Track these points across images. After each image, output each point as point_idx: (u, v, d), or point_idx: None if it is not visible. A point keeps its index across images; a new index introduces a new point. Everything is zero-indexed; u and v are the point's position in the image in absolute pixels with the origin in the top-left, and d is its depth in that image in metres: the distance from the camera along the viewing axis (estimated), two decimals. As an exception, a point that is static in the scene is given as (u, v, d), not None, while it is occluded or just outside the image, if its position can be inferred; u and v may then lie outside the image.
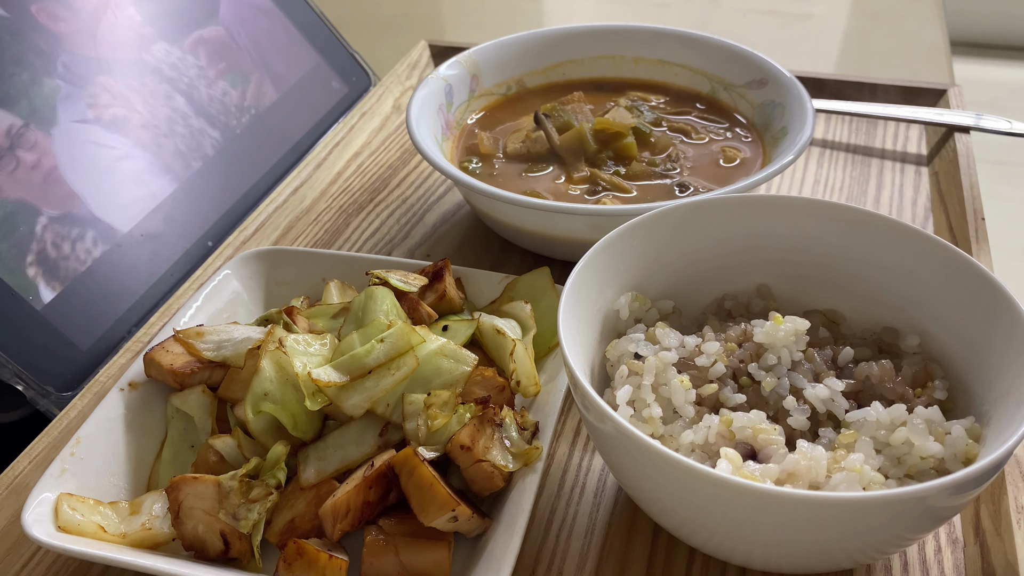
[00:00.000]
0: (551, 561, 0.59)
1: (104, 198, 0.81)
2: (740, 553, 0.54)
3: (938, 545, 0.59)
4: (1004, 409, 0.53)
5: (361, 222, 0.91)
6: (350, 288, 0.73)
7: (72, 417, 0.69)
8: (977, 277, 0.58)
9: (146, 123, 0.87)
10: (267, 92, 1.00)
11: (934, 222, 0.88)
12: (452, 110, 0.92)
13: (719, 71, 0.94)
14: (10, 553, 0.61)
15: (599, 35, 0.98)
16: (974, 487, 0.49)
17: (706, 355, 0.59)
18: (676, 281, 0.66)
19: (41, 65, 0.81)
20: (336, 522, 0.56)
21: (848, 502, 0.46)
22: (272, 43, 1.02)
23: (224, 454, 0.60)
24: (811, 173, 0.96)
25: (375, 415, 0.60)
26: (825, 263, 0.65)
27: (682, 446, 0.55)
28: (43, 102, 0.80)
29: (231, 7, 0.99)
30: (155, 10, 0.93)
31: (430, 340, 0.62)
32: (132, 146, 0.85)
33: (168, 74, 0.91)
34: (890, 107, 1.01)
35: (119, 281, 0.79)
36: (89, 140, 0.82)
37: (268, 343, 0.61)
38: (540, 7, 1.61)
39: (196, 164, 0.90)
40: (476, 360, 0.62)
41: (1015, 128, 0.96)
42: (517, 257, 0.86)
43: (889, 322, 0.64)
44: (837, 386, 0.57)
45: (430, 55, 1.19)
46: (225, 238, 0.88)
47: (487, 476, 0.57)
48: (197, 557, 0.57)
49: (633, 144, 0.85)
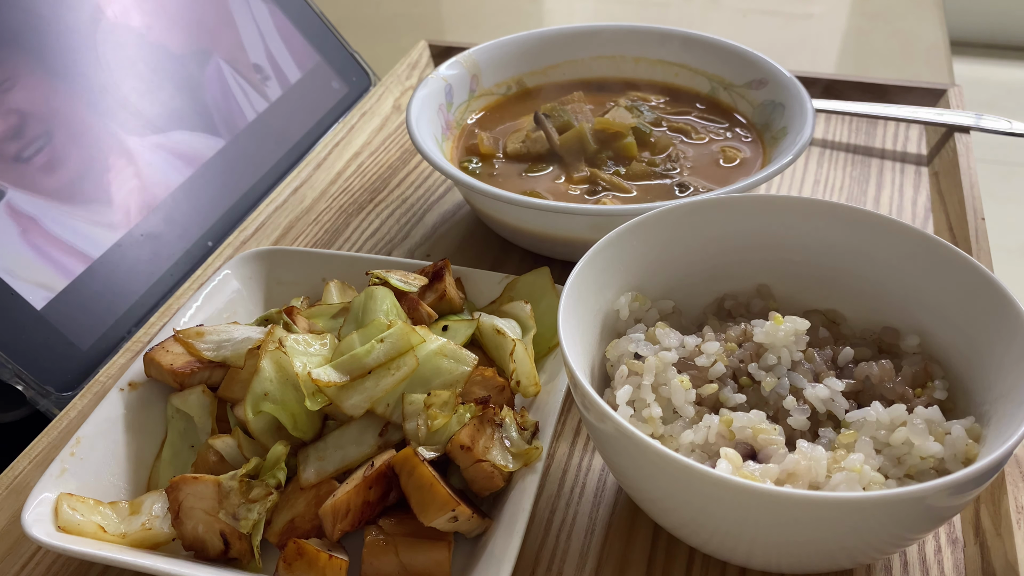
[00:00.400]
0: (551, 561, 0.59)
1: (104, 198, 0.81)
2: (740, 553, 0.54)
3: (938, 545, 0.59)
4: (1004, 409, 0.53)
5: (361, 222, 0.91)
6: (350, 288, 0.73)
7: (72, 417, 0.69)
8: (977, 277, 0.58)
9: (146, 123, 0.87)
10: (267, 92, 1.00)
11: (934, 222, 0.88)
12: (452, 110, 0.92)
13: (719, 71, 0.94)
14: (10, 553, 0.61)
15: (599, 35, 0.98)
16: (974, 487, 0.49)
17: (706, 355, 0.59)
18: (676, 281, 0.66)
19: (41, 63, 0.81)
20: (336, 522, 0.56)
21: (848, 502, 0.46)
22: (272, 43, 1.02)
23: (224, 454, 0.60)
24: (811, 173, 0.96)
25: (375, 415, 0.60)
26: (825, 263, 0.65)
27: (682, 446, 0.55)
28: (43, 101, 0.80)
29: (231, 7, 0.99)
30: (156, 10, 0.93)
31: (430, 340, 0.62)
32: (132, 146, 0.85)
33: (168, 74, 0.91)
34: (890, 107, 1.01)
35: (119, 281, 0.79)
36: (89, 140, 0.82)
37: (268, 343, 0.61)
38: (540, 7, 1.61)
39: (196, 164, 0.90)
40: (476, 360, 0.62)
41: (1015, 128, 0.96)
42: (517, 257, 0.86)
43: (889, 322, 0.64)
44: (837, 386, 0.57)
45: (430, 55, 1.19)
46: (225, 238, 0.88)
47: (487, 476, 0.57)
48: (197, 557, 0.57)
49: (633, 144, 0.85)
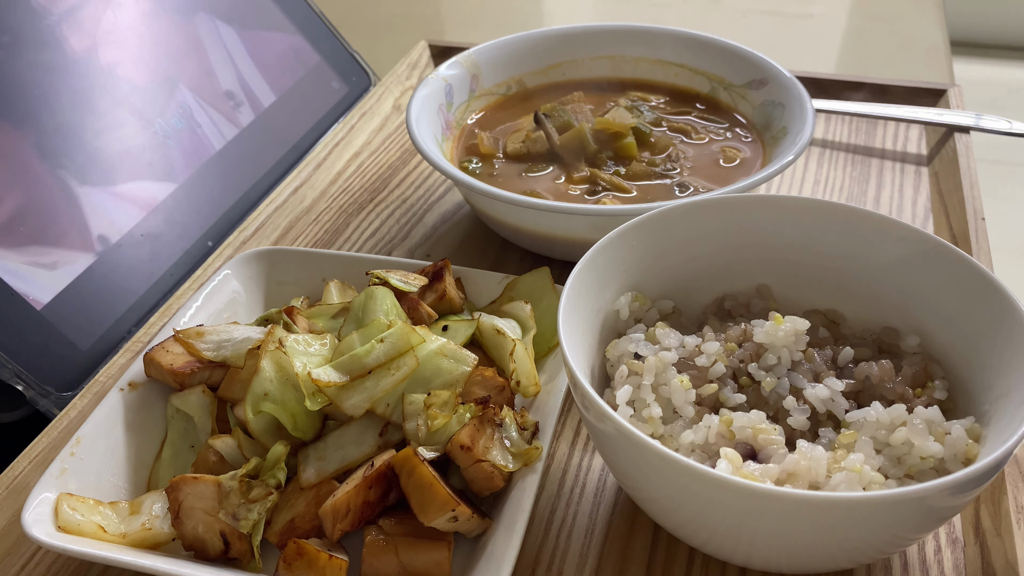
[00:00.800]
0: (551, 561, 0.59)
1: (104, 198, 0.81)
2: (740, 553, 0.54)
3: (938, 545, 0.59)
4: (1004, 409, 0.53)
5: (361, 222, 0.91)
6: (350, 288, 0.73)
7: (72, 417, 0.69)
8: (977, 277, 0.58)
9: (146, 123, 0.87)
10: (267, 92, 1.00)
11: (934, 222, 0.88)
12: (452, 110, 0.92)
13: (719, 71, 0.94)
14: (10, 553, 0.61)
15: (599, 35, 0.98)
16: (974, 487, 0.49)
17: (706, 355, 0.59)
18: (676, 281, 0.66)
19: (40, 62, 0.81)
20: (336, 522, 0.56)
21: (848, 502, 0.46)
22: (272, 43, 1.02)
23: (224, 454, 0.60)
24: (811, 173, 0.96)
25: (375, 415, 0.60)
26: (825, 263, 0.65)
27: (682, 446, 0.55)
28: (42, 100, 0.80)
29: (231, 7, 0.99)
30: (155, 10, 0.93)
31: (430, 340, 0.62)
32: (132, 146, 0.85)
33: (168, 74, 0.91)
34: (890, 107, 1.01)
35: (119, 281, 0.79)
36: (89, 140, 0.82)
37: (268, 343, 0.61)
38: (540, 7, 1.61)
39: (196, 164, 0.90)
40: (476, 360, 0.62)
41: (1015, 128, 0.96)
42: (517, 257, 0.86)
43: (889, 322, 0.64)
44: (837, 386, 0.57)
45: (430, 55, 1.19)
46: (225, 238, 0.88)
47: (487, 476, 0.57)
48: (197, 557, 0.57)
49: (633, 144, 0.85)
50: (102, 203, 0.81)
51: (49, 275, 0.75)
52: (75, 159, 0.80)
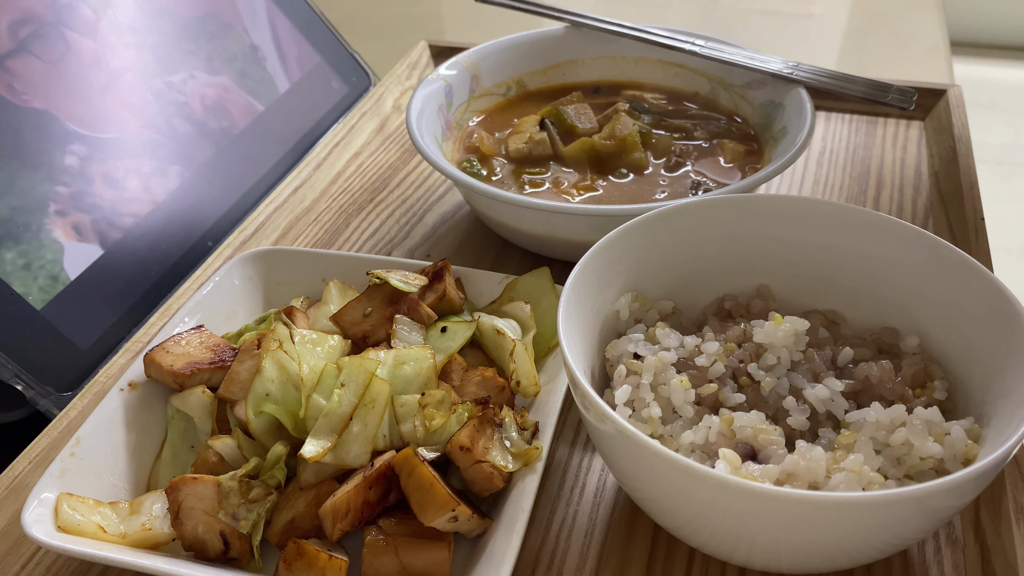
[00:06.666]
0: (551, 561, 0.59)
1: (104, 198, 0.81)
2: (740, 553, 0.54)
3: (938, 545, 0.59)
4: (1004, 409, 0.53)
5: (361, 222, 0.91)
6: (350, 288, 0.73)
7: (72, 417, 0.69)
8: (977, 277, 0.58)
9: (146, 123, 0.87)
10: (267, 92, 1.00)
11: (934, 222, 0.88)
12: (452, 110, 0.92)
13: (719, 71, 0.94)
14: (10, 553, 0.61)
15: (599, 35, 0.98)
16: (973, 488, 0.49)
17: (706, 355, 0.59)
18: (676, 281, 0.66)
19: (36, 63, 0.80)
20: (336, 522, 0.56)
21: (848, 502, 0.46)
22: (272, 43, 1.02)
23: (224, 454, 0.60)
24: (811, 173, 0.96)
25: (375, 415, 0.60)
26: (825, 263, 0.65)
27: (682, 446, 0.55)
28: (42, 101, 0.80)
29: (231, 7, 0.99)
30: (155, 10, 0.93)
31: (379, 358, 0.61)
32: (132, 146, 0.85)
33: (168, 74, 0.91)
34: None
35: (119, 281, 0.79)
36: (89, 140, 0.82)
37: (268, 343, 0.61)
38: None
39: (196, 164, 0.90)
40: (430, 346, 0.62)
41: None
42: (517, 257, 0.86)
43: (889, 322, 0.64)
44: (837, 386, 0.57)
45: (430, 55, 1.19)
46: (225, 238, 0.88)
47: (487, 476, 0.57)
48: (197, 557, 0.57)
49: (644, 159, 0.85)
50: (102, 203, 0.81)
51: (49, 275, 0.75)
52: (75, 159, 0.80)
